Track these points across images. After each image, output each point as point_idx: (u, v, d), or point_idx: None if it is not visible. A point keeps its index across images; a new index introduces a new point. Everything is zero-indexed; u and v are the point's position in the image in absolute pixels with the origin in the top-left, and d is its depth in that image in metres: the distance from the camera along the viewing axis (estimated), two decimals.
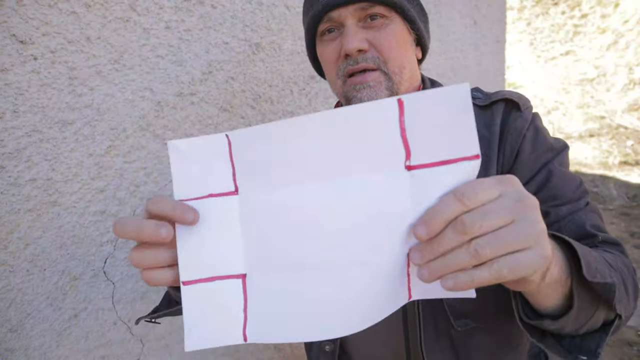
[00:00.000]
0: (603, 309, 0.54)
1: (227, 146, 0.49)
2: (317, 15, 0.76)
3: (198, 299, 0.51)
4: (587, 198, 0.71)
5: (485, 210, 0.39)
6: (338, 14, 0.75)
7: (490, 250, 0.38)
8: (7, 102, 0.83)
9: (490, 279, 0.39)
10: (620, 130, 6.27)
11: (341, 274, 0.48)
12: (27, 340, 0.90)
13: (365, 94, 0.75)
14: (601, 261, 0.55)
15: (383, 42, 0.75)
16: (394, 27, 0.75)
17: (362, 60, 0.74)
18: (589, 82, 7.30)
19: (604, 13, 7.78)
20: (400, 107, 0.39)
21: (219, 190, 0.51)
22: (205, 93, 1.16)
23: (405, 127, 0.40)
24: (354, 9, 0.74)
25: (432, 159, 0.41)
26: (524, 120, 0.73)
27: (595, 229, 0.67)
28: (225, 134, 0.48)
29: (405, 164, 0.42)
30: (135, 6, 0.99)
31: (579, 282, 0.50)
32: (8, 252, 0.86)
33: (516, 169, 0.73)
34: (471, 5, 2.42)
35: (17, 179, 0.86)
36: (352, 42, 0.73)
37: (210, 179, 0.51)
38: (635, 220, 4.08)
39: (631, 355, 2.21)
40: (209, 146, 0.49)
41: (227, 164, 0.50)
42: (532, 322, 0.53)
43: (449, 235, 0.40)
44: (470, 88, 0.82)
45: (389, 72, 0.75)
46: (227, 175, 0.50)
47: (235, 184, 0.51)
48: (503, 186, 0.41)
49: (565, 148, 0.75)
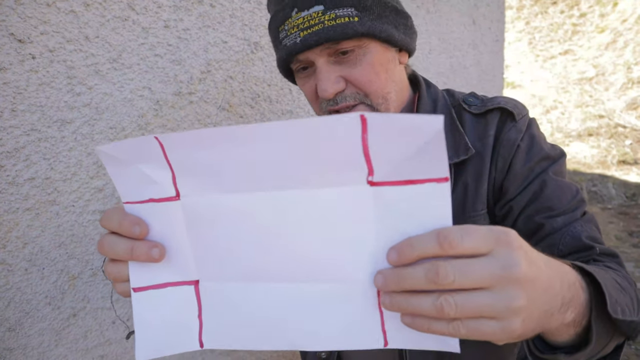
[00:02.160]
0: (617, 337, 0.52)
1: (159, 149, 0.44)
2: (284, 59, 0.72)
3: (150, 305, 0.50)
4: (583, 208, 0.70)
5: (465, 266, 0.36)
6: (305, 57, 0.70)
7: (456, 312, 0.36)
8: (6, 101, 0.83)
9: (447, 333, 0.38)
10: (618, 129, 6.28)
11: (296, 287, 0.46)
12: (26, 339, 0.90)
13: None
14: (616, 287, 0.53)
15: (360, 78, 0.70)
16: (369, 57, 0.70)
17: (341, 100, 0.71)
18: (588, 81, 7.31)
19: (603, 12, 7.79)
20: (364, 124, 0.36)
21: (159, 195, 0.47)
22: (204, 92, 1.16)
23: (368, 144, 0.37)
24: (320, 49, 0.68)
25: (397, 177, 0.39)
26: (517, 131, 0.72)
27: (592, 241, 0.65)
28: (154, 136, 0.43)
29: (368, 179, 0.40)
30: (133, 5, 0.99)
31: (599, 317, 0.48)
32: (6, 251, 0.86)
33: (508, 180, 0.72)
34: (470, 4, 2.42)
35: (16, 178, 0.86)
36: (325, 88, 0.69)
37: (148, 184, 0.47)
38: (634, 220, 4.08)
39: (629, 354, 2.21)
40: (139, 149, 0.45)
41: (165, 167, 0.45)
42: (545, 356, 0.50)
43: (418, 275, 0.37)
44: (466, 93, 0.82)
45: (372, 104, 0.72)
46: (166, 179, 0.46)
47: (176, 189, 0.47)
48: (497, 244, 0.37)
49: (561, 156, 0.73)
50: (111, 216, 0.48)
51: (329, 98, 0.70)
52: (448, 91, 0.84)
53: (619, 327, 0.50)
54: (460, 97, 0.81)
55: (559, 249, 0.65)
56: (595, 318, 0.47)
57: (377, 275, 0.40)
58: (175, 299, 0.50)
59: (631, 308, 0.53)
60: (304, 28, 0.66)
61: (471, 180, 0.73)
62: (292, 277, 0.46)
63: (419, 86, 0.83)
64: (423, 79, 0.85)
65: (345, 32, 0.66)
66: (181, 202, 0.47)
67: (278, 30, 0.71)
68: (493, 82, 2.79)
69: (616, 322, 0.48)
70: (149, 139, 0.43)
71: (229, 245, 0.47)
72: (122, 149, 0.45)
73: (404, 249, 0.38)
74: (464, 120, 0.77)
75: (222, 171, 0.44)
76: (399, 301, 0.39)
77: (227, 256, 0.47)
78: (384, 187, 0.40)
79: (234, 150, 0.42)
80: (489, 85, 2.73)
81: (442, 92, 0.83)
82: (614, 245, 3.50)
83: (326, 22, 0.65)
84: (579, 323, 0.47)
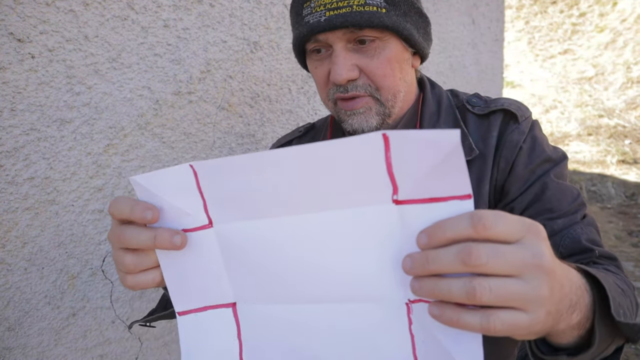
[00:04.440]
0: (618, 340, 0.53)
1: (193, 177, 0.45)
2: (303, 37, 0.71)
3: (193, 328, 0.52)
4: (583, 210, 0.70)
5: (499, 250, 0.35)
6: (325, 37, 0.69)
7: (490, 297, 0.35)
8: (5, 100, 0.83)
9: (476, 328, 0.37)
10: (618, 128, 6.28)
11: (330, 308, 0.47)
12: (25, 338, 0.90)
13: (356, 121, 0.72)
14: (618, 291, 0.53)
15: (376, 71, 0.70)
16: (388, 52, 0.70)
17: (352, 88, 0.70)
18: (587, 81, 7.31)
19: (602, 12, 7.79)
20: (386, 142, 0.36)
21: (192, 224, 0.48)
22: (204, 92, 1.16)
23: (391, 162, 0.37)
24: (342, 32, 0.68)
25: (421, 195, 0.39)
26: (520, 133, 0.72)
27: (591, 244, 0.65)
28: (190, 165, 0.44)
29: (393, 197, 0.40)
30: (133, 4, 0.99)
31: (602, 319, 0.48)
32: (6, 250, 0.86)
33: (510, 182, 0.72)
34: (469, 3, 2.42)
35: (15, 178, 0.86)
36: (340, 73, 0.68)
37: (181, 214, 0.48)
38: (634, 219, 4.09)
39: (629, 353, 2.22)
40: (174, 179, 0.46)
41: (197, 196, 0.46)
42: (547, 357, 0.50)
43: (449, 257, 0.36)
44: (470, 94, 0.82)
45: (381, 99, 0.72)
46: (199, 208, 0.47)
47: (209, 217, 0.48)
48: (528, 233, 0.37)
49: (563, 159, 0.73)
50: (121, 203, 0.48)
51: (341, 84, 0.70)
52: (452, 91, 0.84)
53: (621, 330, 0.50)
54: (464, 98, 0.80)
55: (559, 251, 0.66)
56: (598, 321, 0.47)
57: (405, 259, 0.39)
58: (216, 321, 0.52)
59: (631, 311, 0.54)
60: (331, 8, 0.66)
61: (474, 181, 0.73)
62: (325, 297, 0.46)
63: (423, 86, 0.83)
64: (427, 79, 0.85)
65: (371, 20, 0.65)
66: (214, 229, 0.48)
67: (302, 6, 0.70)
68: (492, 82, 2.79)
69: (619, 325, 0.48)
70: (184, 167, 0.44)
71: (263, 269, 0.48)
72: (155, 180, 0.46)
73: (434, 230, 0.37)
74: (468, 121, 0.77)
75: (251, 197, 0.44)
76: (427, 284, 0.38)
77: (262, 279, 0.49)
78: (408, 205, 0.40)
79: (262, 175, 0.42)
80: (489, 84, 2.73)
81: (446, 93, 0.83)
82: (613, 244, 3.51)
83: (354, 7, 0.65)
84: (583, 325, 0.47)
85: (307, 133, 0.95)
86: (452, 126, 0.77)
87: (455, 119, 0.77)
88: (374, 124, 0.73)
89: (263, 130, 1.33)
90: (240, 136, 1.26)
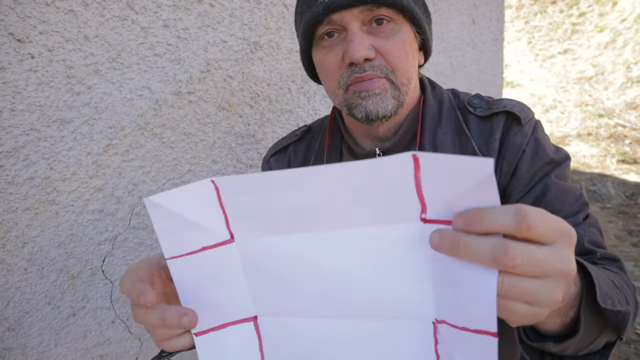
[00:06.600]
0: (607, 332, 0.53)
1: (215, 192, 0.44)
2: (317, 17, 0.68)
3: (212, 346, 0.51)
4: (586, 211, 0.69)
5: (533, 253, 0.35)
6: (340, 17, 0.67)
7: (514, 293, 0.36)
8: (5, 100, 0.83)
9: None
10: (618, 128, 6.28)
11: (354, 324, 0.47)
12: (25, 338, 0.90)
13: (372, 102, 0.70)
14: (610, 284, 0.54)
15: (392, 52, 0.69)
16: (402, 35, 0.69)
17: (369, 68, 0.68)
18: (587, 81, 7.31)
19: (602, 11, 7.79)
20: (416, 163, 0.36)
21: (213, 241, 0.47)
22: (204, 92, 1.16)
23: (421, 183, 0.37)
24: (359, 11, 0.66)
25: (449, 216, 0.38)
26: (523, 136, 0.71)
27: (593, 245, 0.65)
28: (211, 180, 0.43)
29: (421, 216, 0.39)
30: (133, 4, 0.99)
31: (588, 307, 0.48)
32: (6, 250, 0.86)
33: (512, 185, 0.71)
34: (469, 3, 2.42)
35: (15, 178, 0.86)
36: (358, 49, 0.66)
37: (201, 232, 0.46)
38: (633, 219, 4.09)
39: (629, 353, 2.22)
40: (195, 195, 0.44)
41: (218, 211, 0.45)
42: (534, 343, 0.51)
43: (482, 249, 0.35)
44: (471, 94, 0.81)
45: (396, 83, 0.71)
46: (220, 223, 0.46)
47: (230, 232, 0.47)
48: (562, 237, 0.37)
49: (565, 160, 0.72)
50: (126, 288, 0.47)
51: (358, 62, 0.68)
52: (453, 91, 0.83)
53: (608, 319, 0.50)
54: (466, 99, 0.80)
55: None
56: (584, 308, 0.48)
57: (433, 234, 0.38)
58: (237, 337, 0.51)
59: (623, 303, 0.54)
60: None
61: None
62: (350, 313, 0.46)
63: (423, 87, 0.82)
64: (427, 79, 0.84)
65: None
66: (236, 244, 0.48)
67: None
68: (492, 82, 2.79)
69: (604, 312, 0.49)
70: (206, 183, 0.43)
71: (287, 283, 0.47)
72: (174, 198, 0.44)
73: (473, 218, 0.36)
74: (470, 123, 0.76)
75: (275, 214, 0.44)
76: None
77: (285, 293, 0.48)
78: (437, 225, 0.39)
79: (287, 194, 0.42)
80: (489, 84, 2.73)
81: (447, 93, 0.82)
82: (613, 244, 3.51)
83: None
84: (565, 313, 0.48)
85: (304, 137, 0.94)
86: (453, 128, 0.76)
87: (457, 121, 0.76)
88: (389, 107, 0.71)
89: (263, 130, 1.33)
90: (240, 136, 1.26)
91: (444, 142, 0.75)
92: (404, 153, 0.36)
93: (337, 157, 0.86)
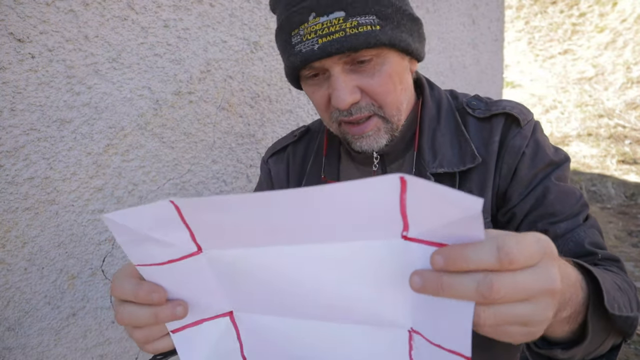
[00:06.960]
0: (614, 336, 0.53)
1: (175, 212, 0.42)
2: (296, 67, 0.67)
3: (190, 341, 0.52)
4: (586, 212, 0.69)
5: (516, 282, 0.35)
6: (320, 64, 0.66)
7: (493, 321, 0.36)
8: (5, 100, 0.83)
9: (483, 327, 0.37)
10: (618, 129, 6.28)
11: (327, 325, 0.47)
12: (25, 338, 0.90)
13: (366, 143, 0.70)
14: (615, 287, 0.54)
15: (378, 89, 0.67)
16: (387, 67, 0.67)
17: (355, 111, 0.68)
18: (587, 81, 7.31)
19: (602, 12, 7.80)
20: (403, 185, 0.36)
21: (179, 254, 0.46)
22: (204, 92, 1.16)
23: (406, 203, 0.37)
24: (338, 57, 0.64)
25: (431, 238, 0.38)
26: (523, 138, 0.71)
27: (594, 246, 0.65)
28: (170, 200, 0.41)
29: (402, 233, 0.39)
30: (133, 4, 0.99)
31: (595, 312, 0.48)
32: (6, 250, 0.86)
33: (512, 187, 0.71)
34: (469, 3, 2.42)
35: (15, 178, 0.86)
36: (343, 98, 0.65)
37: (165, 246, 0.45)
38: (633, 219, 4.09)
39: (629, 353, 2.22)
40: (153, 215, 0.42)
41: (181, 227, 0.44)
42: (542, 351, 0.50)
43: (467, 287, 0.35)
44: (470, 95, 0.81)
45: (386, 116, 0.70)
46: (185, 239, 0.45)
47: (197, 244, 0.46)
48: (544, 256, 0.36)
49: (565, 161, 0.72)
50: (123, 286, 0.47)
51: (345, 109, 0.67)
52: (451, 92, 0.82)
53: (616, 324, 0.50)
54: (464, 100, 0.79)
55: (562, 254, 0.66)
56: (591, 314, 0.48)
57: (413, 277, 0.38)
58: (214, 329, 0.52)
59: (628, 307, 0.54)
60: (322, 35, 0.63)
61: (476, 189, 0.72)
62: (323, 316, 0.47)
63: (422, 89, 0.81)
64: (425, 79, 0.83)
65: (368, 41, 0.62)
66: (204, 254, 0.47)
67: (290, 35, 0.67)
68: (492, 82, 2.79)
69: (612, 317, 0.49)
70: (164, 204, 0.41)
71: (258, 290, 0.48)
72: (132, 217, 0.43)
73: (455, 258, 0.35)
74: (468, 125, 0.75)
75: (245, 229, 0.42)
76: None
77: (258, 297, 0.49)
78: (417, 244, 0.39)
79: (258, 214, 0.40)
80: (489, 85, 2.73)
81: (445, 94, 0.81)
82: (613, 244, 3.51)
83: (348, 30, 0.62)
84: (574, 320, 0.47)
85: (302, 138, 0.93)
86: (452, 130, 0.75)
87: (456, 122, 0.76)
88: (384, 142, 0.72)
89: (263, 130, 1.33)
90: (240, 136, 1.26)
91: (443, 144, 0.74)
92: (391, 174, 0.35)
93: (335, 160, 0.85)
